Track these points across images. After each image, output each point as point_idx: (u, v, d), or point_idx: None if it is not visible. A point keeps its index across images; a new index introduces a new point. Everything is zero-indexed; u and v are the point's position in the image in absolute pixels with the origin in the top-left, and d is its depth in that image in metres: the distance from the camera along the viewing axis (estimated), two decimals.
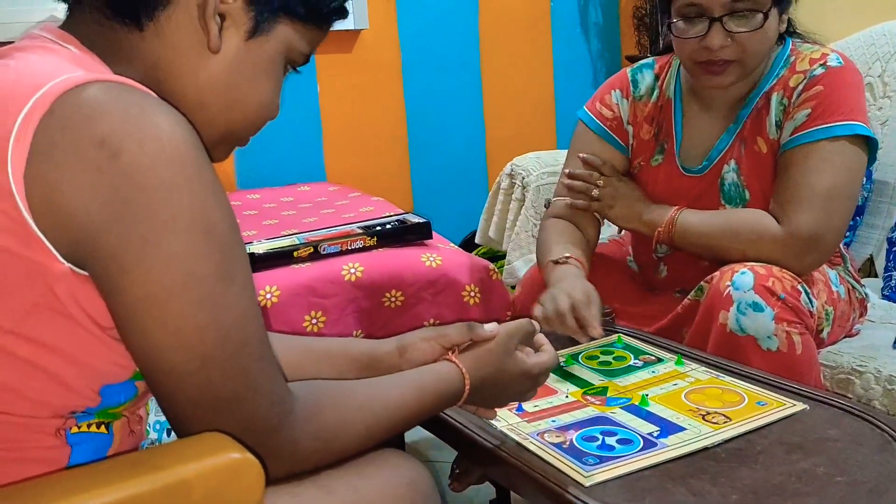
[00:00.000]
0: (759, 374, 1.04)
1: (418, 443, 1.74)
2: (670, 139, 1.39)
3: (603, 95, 1.46)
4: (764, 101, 1.29)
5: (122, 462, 0.55)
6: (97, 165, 0.53)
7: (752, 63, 1.25)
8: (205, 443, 0.54)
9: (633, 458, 0.84)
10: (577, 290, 1.17)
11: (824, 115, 1.22)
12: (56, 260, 0.54)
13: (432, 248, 1.46)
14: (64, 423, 0.61)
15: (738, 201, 1.31)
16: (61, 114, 0.53)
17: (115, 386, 0.62)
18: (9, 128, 0.53)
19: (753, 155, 1.30)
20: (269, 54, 0.67)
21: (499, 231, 2.03)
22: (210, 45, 0.64)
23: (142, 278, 0.55)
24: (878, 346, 1.30)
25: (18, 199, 0.52)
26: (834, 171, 1.21)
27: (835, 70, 1.24)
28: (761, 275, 1.14)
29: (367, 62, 2.41)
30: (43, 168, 0.53)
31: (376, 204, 1.87)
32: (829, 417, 0.91)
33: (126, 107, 0.55)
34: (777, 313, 1.12)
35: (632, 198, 1.39)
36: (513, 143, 2.53)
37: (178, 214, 0.55)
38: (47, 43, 0.62)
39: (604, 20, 2.76)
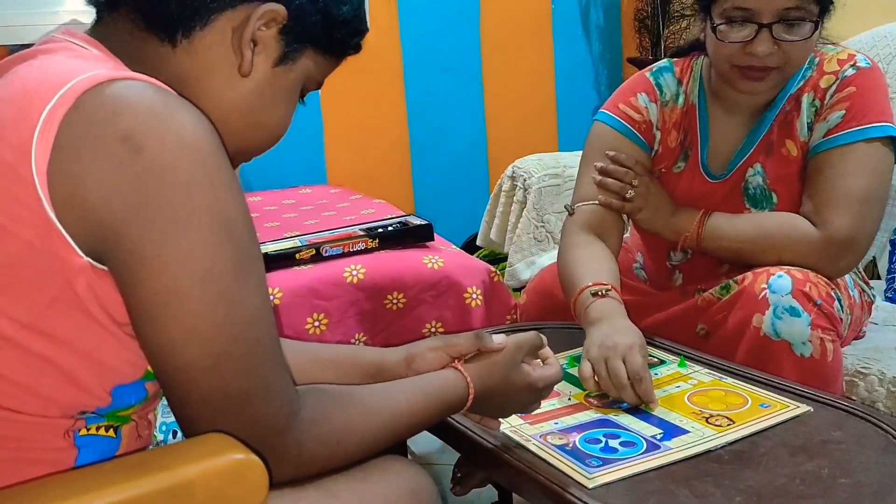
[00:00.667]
0: (763, 376, 1.03)
1: (420, 446, 1.74)
2: (695, 147, 1.35)
3: (628, 98, 1.38)
4: (793, 104, 1.26)
5: (126, 462, 0.55)
6: (120, 160, 0.54)
7: (791, 72, 1.23)
8: (209, 443, 0.54)
9: (636, 461, 0.84)
10: (629, 344, 1.02)
11: (858, 116, 1.20)
12: (76, 254, 0.55)
13: (434, 250, 1.46)
14: (73, 425, 0.61)
15: (766, 205, 1.28)
16: (86, 110, 0.54)
17: (127, 387, 0.62)
18: (33, 123, 0.54)
19: (781, 158, 1.27)
20: (291, 82, 0.70)
21: (500, 233, 2.03)
22: (242, 69, 0.66)
23: (159, 272, 0.55)
24: (882, 348, 1.30)
25: (41, 193, 0.53)
26: (869, 173, 1.20)
27: (865, 71, 1.23)
28: (798, 279, 1.12)
29: (369, 65, 2.41)
30: (67, 163, 0.53)
31: (378, 206, 1.87)
32: (833, 419, 0.90)
33: (150, 104, 0.56)
34: (813, 319, 1.10)
35: (662, 201, 1.34)
36: (514, 145, 2.53)
37: (198, 211, 0.56)
38: (71, 45, 0.63)
39: (605, 22, 2.77)
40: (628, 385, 0.98)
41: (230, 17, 0.64)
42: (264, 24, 0.65)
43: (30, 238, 0.54)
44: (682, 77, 1.37)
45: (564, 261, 1.28)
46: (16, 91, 0.57)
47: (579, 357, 1.14)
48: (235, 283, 0.57)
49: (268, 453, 0.57)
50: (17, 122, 0.55)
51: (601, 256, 1.27)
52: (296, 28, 0.67)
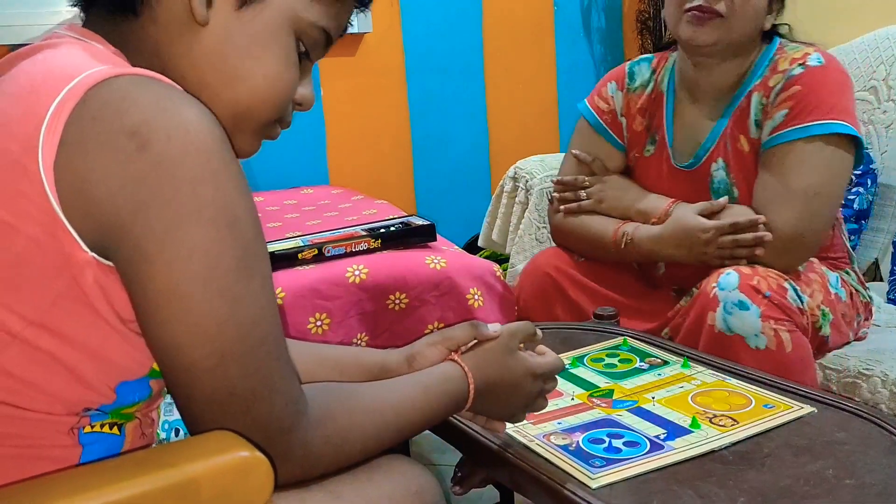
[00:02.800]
0: (766, 377, 1.03)
1: (422, 446, 1.74)
2: (661, 130, 1.41)
3: (601, 88, 1.50)
4: (746, 101, 1.31)
5: (131, 460, 0.55)
6: (126, 155, 0.53)
7: (736, 27, 1.26)
8: (214, 441, 0.54)
9: (639, 461, 0.84)
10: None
11: (801, 115, 1.23)
12: (81, 249, 0.54)
13: (436, 250, 1.46)
14: (78, 422, 0.60)
15: (728, 199, 1.33)
16: (93, 105, 0.53)
17: (131, 384, 0.62)
18: (40, 118, 0.53)
19: (738, 153, 1.32)
20: (267, 24, 0.63)
21: (502, 234, 2.03)
22: (196, 18, 0.62)
23: (164, 268, 0.55)
24: (885, 349, 1.30)
25: (48, 189, 0.53)
26: (811, 170, 1.22)
27: (814, 69, 1.25)
28: (746, 274, 1.16)
29: (371, 65, 2.42)
30: (73, 157, 0.53)
31: (380, 207, 1.87)
32: (838, 420, 0.90)
33: (156, 99, 0.55)
34: (763, 311, 1.13)
35: (622, 188, 1.42)
36: (516, 146, 2.53)
37: (203, 206, 0.55)
38: (74, 40, 0.62)
39: (607, 24, 2.77)
40: None
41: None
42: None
43: (36, 234, 0.54)
44: (657, 67, 1.45)
45: (578, 221, 1.42)
46: (22, 86, 0.57)
47: (582, 357, 1.14)
48: (240, 281, 0.57)
49: (273, 453, 0.57)
50: (24, 117, 0.54)
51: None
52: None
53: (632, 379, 1.06)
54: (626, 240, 1.35)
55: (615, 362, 1.12)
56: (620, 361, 1.12)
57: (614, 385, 1.04)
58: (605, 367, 1.10)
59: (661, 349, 1.16)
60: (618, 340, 1.20)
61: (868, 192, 1.68)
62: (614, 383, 1.04)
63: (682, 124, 1.39)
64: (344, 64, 2.37)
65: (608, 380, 1.06)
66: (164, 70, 0.62)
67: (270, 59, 0.64)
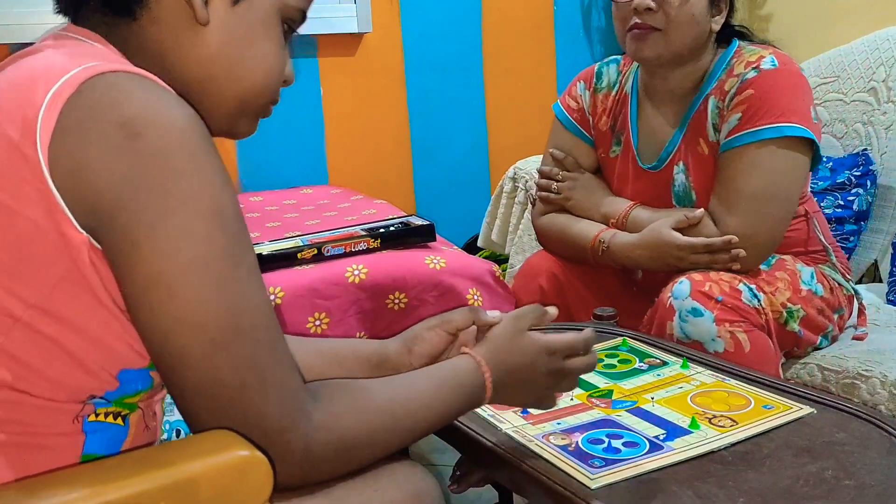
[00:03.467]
0: (766, 378, 1.03)
1: (421, 447, 1.74)
2: (626, 131, 1.44)
3: (571, 88, 1.53)
4: (704, 105, 1.32)
5: (130, 459, 0.55)
6: (118, 144, 0.55)
7: (675, 37, 1.28)
8: (214, 440, 0.53)
9: (639, 461, 0.83)
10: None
11: (753, 118, 1.24)
12: (76, 230, 0.55)
13: (436, 250, 1.46)
14: (82, 410, 0.60)
15: (687, 202, 1.35)
16: (89, 95, 0.56)
17: (133, 372, 0.62)
18: (37, 105, 0.55)
19: (697, 156, 1.34)
20: (260, 15, 0.68)
21: (501, 234, 2.03)
22: (198, 18, 0.65)
23: (151, 254, 0.56)
24: (884, 350, 1.30)
25: (45, 171, 0.54)
26: (762, 174, 1.24)
27: (767, 73, 1.25)
28: (697, 281, 1.19)
29: (371, 65, 2.41)
30: (68, 143, 0.55)
31: (379, 207, 1.87)
32: (837, 421, 0.90)
33: (147, 95, 0.58)
34: (717, 315, 1.16)
35: (589, 189, 1.45)
36: (515, 146, 2.53)
37: (190, 196, 0.56)
38: (75, 41, 0.64)
39: (607, 24, 2.76)
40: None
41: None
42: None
43: (36, 217, 0.55)
44: (623, 69, 1.48)
45: (556, 233, 1.46)
46: (22, 76, 0.59)
47: None
48: (227, 269, 0.58)
49: (272, 452, 0.56)
50: (22, 103, 0.56)
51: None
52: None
53: (631, 379, 1.06)
54: (602, 247, 1.37)
55: (614, 363, 1.12)
56: (620, 362, 1.12)
57: (613, 385, 1.04)
58: (604, 368, 1.10)
59: (660, 349, 1.16)
60: (617, 341, 1.20)
61: (867, 194, 1.68)
62: (613, 384, 1.04)
63: (645, 126, 1.42)
64: (343, 64, 2.37)
65: (607, 380, 1.06)
66: (168, 68, 0.65)
67: (268, 47, 0.69)
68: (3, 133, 0.55)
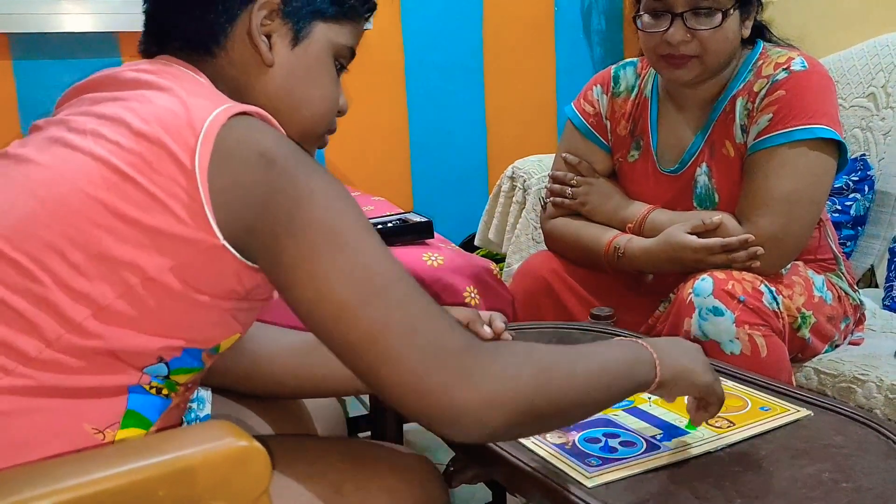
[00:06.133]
0: (763, 380, 1.03)
1: (414, 445, 1.73)
2: (646, 136, 1.42)
3: (586, 92, 1.51)
4: (731, 106, 1.31)
5: (129, 446, 0.55)
6: (260, 168, 0.66)
7: (712, 61, 1.28)
8: (213, 429, 0.53)
9: (635, 461, 0.83)
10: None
11: (785, 119, 1.24)
12: (214, 235, 0.64)
13: (434, 247, 1.45)
14: (140, 378, 0.66)
15: (709, 204, 1.34)
16: (229, 136, 0.66)
17: (194, 351, 0.68)
18: (197, 130, 0.65)
19: (722, 158, 1.32)
20: (316, 54, 0.78)
21: (499, 233, 2.03)
22: (265, 61, 0.76)
23: (296, 239, 0.64)
24: (880, 355, 1.30)
25: (199, 183, 0.64)
26: (794, 175, 1.23)
27: (798, 74, 1.25)
28: (720, 279, 1.16)
29: (371, 62, 2.41)
30: (222, 167, 0.65)
31: (377, 203, 1.87)
32: (834, 424, 0.90)
33: (273, 132, 0.69)
34: (738, 316, 1.14)
35: (606, 194, 1.43)
36: (514, 146, 2.53)
37: (313, 191, 0.66)
38: (186, 74, 0.74)
39: (607, 26, 2.77)
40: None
41: (242, 21, 0.75)
42: (266, 17, 0.75)
43: (179, 213, 0.63)
44: (641, 72, 1.46)
45: (570, 235, 1.44)
46: (175, 104, 0.67)
47: None
48: (362, 237, 0.66)
49: (448, 374, 0.61)
50: (181, 125, 0.65)
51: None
52: (293, 7, 0.76)
53: None
54: (618, 253, 1.36)
55: None
56: None
57: None
58: None
59: None
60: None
61: (865, 199, 1.69)
62: None
63: (667, 130, 1.40)
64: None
65: None
66: (244, 101, 0.73)
67: (324, 82, 0.80)
68: (162, 143, 0.64)
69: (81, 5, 2.04)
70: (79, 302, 0.62)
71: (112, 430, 0.63)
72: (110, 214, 0.63)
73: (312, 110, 0.79)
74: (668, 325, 1.22)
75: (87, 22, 2.03)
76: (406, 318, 0.63)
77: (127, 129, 0.66)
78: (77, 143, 0.67)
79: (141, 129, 0.65)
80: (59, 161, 0.66)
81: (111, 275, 0.63)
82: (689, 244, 1.25)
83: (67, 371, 0.62)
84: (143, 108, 0.67)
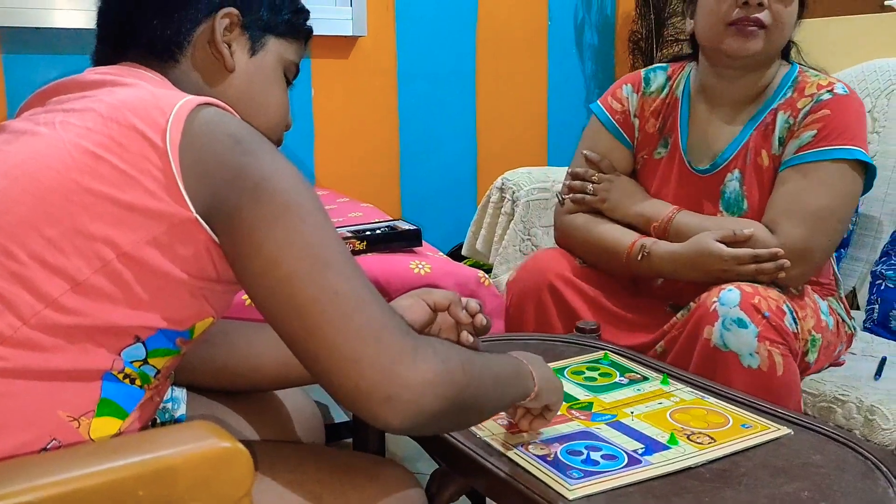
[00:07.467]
0: (744, 397, 1.04)
1: (395, 455, 1.72)
2: (675, 133, 1.43)
3: (615, 90, 1.51)
4: (771, 117, 1.34)
5: (108, 446, 0.54)
6: (228, 147, 0.69)
7: (777, 38, 1.30)
8: (194, 430, 0.53)
9: (617, 474, 0.83)
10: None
11: (829, 137, 1.27)
12: (188, 209, 0.66)
13: (421, 255, 1.45)
14: (113, 364, 0.66)
15: (736, 210, 1.35)
16: (205, 115, 0.70)
17: (170, 332, 0.69)
18: (167, 114, 0.67)
19: (757, 167, 1.34)
20: (270, 64, 0.85)
21: (486, 244, 2.03)
22: (227, 66, 0.81)
23: (253, 208, 0.67)
24: (861, 376, 1.31)
25: (171, 159, 0.66)
26: (831, 192, 1.26)
27: (841, 97, 1.29)
28: (748, 292, 1.16)
29: (364, 69, 2.41)
30: (193, 144, 0.68)
31: (365, 210, 1.87)
32: (814, 443, 0.91)
33: (238, 119, 0.74)
34: (761, 331, 1.14)
35: (627, 191, 1.43)
36: (503, 157, 2.54)
37: (278, 169, 0.70)
38: (152, 79, 0.77)
39: (599, 42, 2.79)
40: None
41: (204, 29, 0.80)
42: (226, 28, 0.81)
43: (152, 188, 0.65)
44: (672, 75, 1.48)
45: (590, 227, 1.42)
46: (143, 94, 0.71)
47: (562, 370, 1.14)
48: (319, 228, 0.68)
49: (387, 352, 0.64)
50: (151, 110, 0.68)
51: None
52: (251, 20, 0.82)
53: (611, 393, 1.06)
54: (643, 252, 1.34)
55: (595, 376, 1.12)
56: (600, 375, 1.12)
57: (594, 398, 1.04)
58: (585, 380, 1.10)
59: (640, 365, 1.16)
60: (598, 354, 1.20)
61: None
62: (594, 396, 1.04)
63: (697, 129, 1.41)
64: (337, 66, 2.37)
65: (588, 393, 1.06)
66: None
67: (277, 91, 0.86)
68: (132, 125, 0.67)
69: (72, 1, 2.04)
70: (56, 276, 0.62)
71: (87, 419, 0.62)
72: (84, 191, 0.64)
73: (269, 116, 0.85)
74: (687, 332, 1.21)
75: (78, 18, 2.02)
76: (353, 293, 0.66)
77: (96, 114, 0.68)
78: (46, 132, 0.68)
79: (110, 114, 0.67)
80: (29, 147, 0.68)
81: (87, 250, 0.63)
82: (720, 252, 1.25)
83: (42, 350, 0.62)
84: (111, 97, 0.70)
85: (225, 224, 0.67)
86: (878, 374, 1.32)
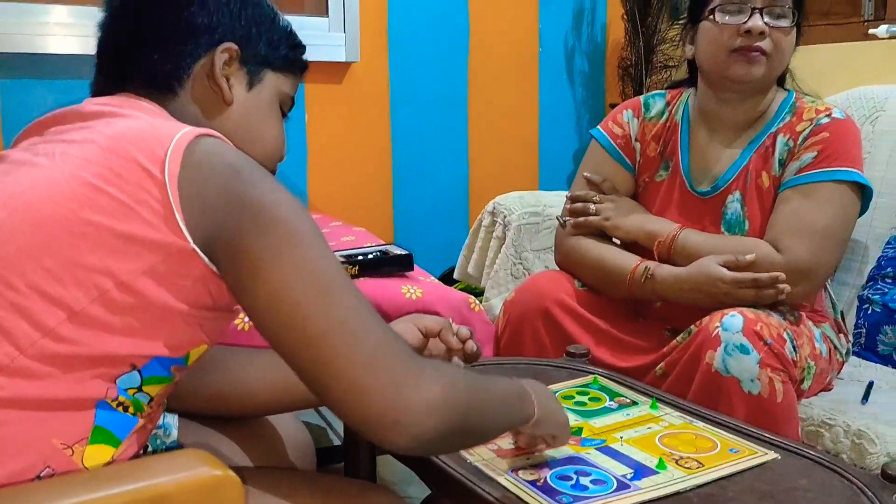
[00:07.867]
0: (732, 422, 1.05)
1: (385, 479, 1.72)
2: (675, 156, 1.46)
3: (616, 115, 1.54)
4: (771, 141, 1.38)
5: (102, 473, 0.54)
6: (228, 177, 0.71)
7: (777, 64, 1.35)
8: (187, 457, 0.53)
9: (606, 499, 0.84)
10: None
11: (829, 159, 1.31)
12: (186, 240, 0.67)
13: (413, 280, 1.46)
14: (107, 391, 0.66)
15: (738, 230, 1.38)
16: (203, 145, 0.71)
17: (165, 360, 0.70)
18: (165, 145, 0.68)
19: (758, 188, 1.37)
20: (267, 97, 0.87)
21: (478, 268, 2.04)
22: (225, 99, 0.83)
23: (257, 238, 0.68)
24: (848, 400, 1.32)
25: (169, 191, 0.67)
26: (833, 211, 1.29)
27: (840, 121, 1.34)
28: (750, 319, 1.17)
29: (357, 94, 2.44)
30: (192, 176, 0.69)
31: (358, 234, 1.88)
32: (800, 467, 0.92)
33: (237, 150, 0.75)
34: (762, 358, 1.15)
35: (629, 210, 1.45)
36: (495, 181, 2.56)
37: (278, 198, 0.71)
38: (151, 111, 0.78)
39: (590, 69, 2.83)
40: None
41: (204, 63, 0.82)
42: (226, 62, 0.83)
43: (150, 218, 0.66)
44: (671, 101, 1.52)
45: (593, 249, 1.43)
46: (142, 126, 0.72)
47: None
48: (322, 257, 0.70)
49: (392, 376, 0.65)
50: (151, 142, 0.69)
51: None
52: (249, 55, 0.85)
53: (601, 417, 1.07)
54: (647, 275, 1.35)
55: (585, 400, 1.13)
56: (590, 400, 1.13)
57: (583, 423, 1.04)
58: (574, 405, 1.11)
59: (630, 389, 1.17)
60: (588, 379, 1.21)
61: None
62: (583, 421, 1.05)
63: (697, 153, 1.44)
64: (330, 91, 2.39)
65: (578, 417, 1.06)
66: None
67: (274, 123, 0.88)
68: (131, 157, 0.68)
69: (68, 27, 2.05)
70: (53, 306, 0.63)
71: (81, 446, 0.63)
72: (82, 222, 0.65)
73: (265, 148, 0.87)
74: (687, 356, 1.22)
75: (74, 44, 2.04)
76: (359, 321, 0.68)
77: (95, 146, 0.69)
78: (46, 164, 0.69)
79: (109, 146, 0.68)
80: (29, 178, 0.69)
81: (85, 280, 0.64)
82: (722, 276, 1.26)
83: (38, 379, 0.62)
84: (109, 129, 0.71)
85: (226, 253, 0.68)
86: (866, 398, 1.33)
